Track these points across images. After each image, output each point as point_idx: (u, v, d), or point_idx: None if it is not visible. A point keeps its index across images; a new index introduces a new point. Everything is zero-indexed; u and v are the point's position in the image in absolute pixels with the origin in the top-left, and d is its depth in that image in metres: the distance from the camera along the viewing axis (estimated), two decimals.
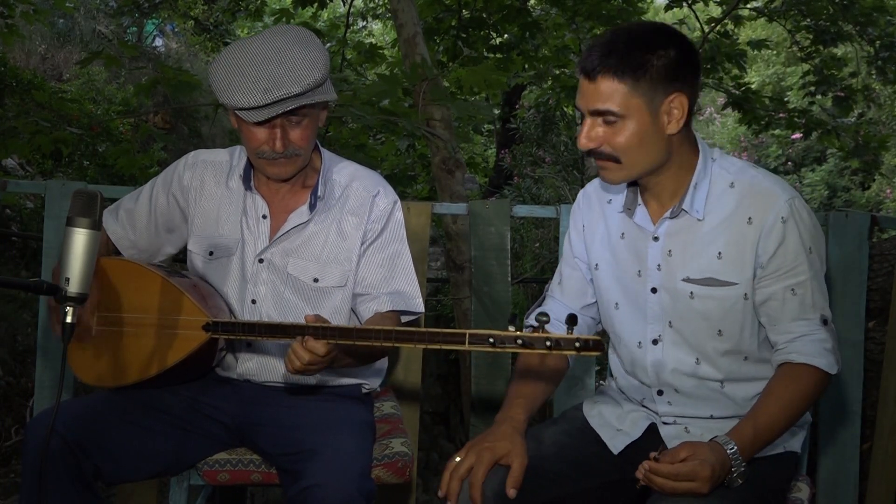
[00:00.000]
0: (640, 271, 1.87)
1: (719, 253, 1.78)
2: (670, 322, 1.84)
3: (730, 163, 1.84)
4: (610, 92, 1.70)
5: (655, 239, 1.84)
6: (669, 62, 1.70)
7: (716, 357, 1.82)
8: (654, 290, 1.85)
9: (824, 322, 1.78)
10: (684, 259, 1.81)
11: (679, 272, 1.82)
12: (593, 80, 1.71)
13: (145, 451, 1.98)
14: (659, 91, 1.71)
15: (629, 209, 1.88)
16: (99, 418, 1.95)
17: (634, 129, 1.72)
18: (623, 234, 1.90)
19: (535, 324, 2.00)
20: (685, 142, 1.79)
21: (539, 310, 2.02)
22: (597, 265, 1.96)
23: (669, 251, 1.83)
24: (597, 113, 1.72)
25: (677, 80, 1.72)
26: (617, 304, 1.92)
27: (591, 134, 1.74)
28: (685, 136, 1.79)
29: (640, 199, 1.87)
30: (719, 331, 1.81)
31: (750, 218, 1.77)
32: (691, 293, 1.80)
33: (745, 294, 1.78)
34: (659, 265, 1.84)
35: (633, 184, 1.87)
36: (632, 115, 1.71)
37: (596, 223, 1.97)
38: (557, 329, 1.95)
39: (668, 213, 1.83)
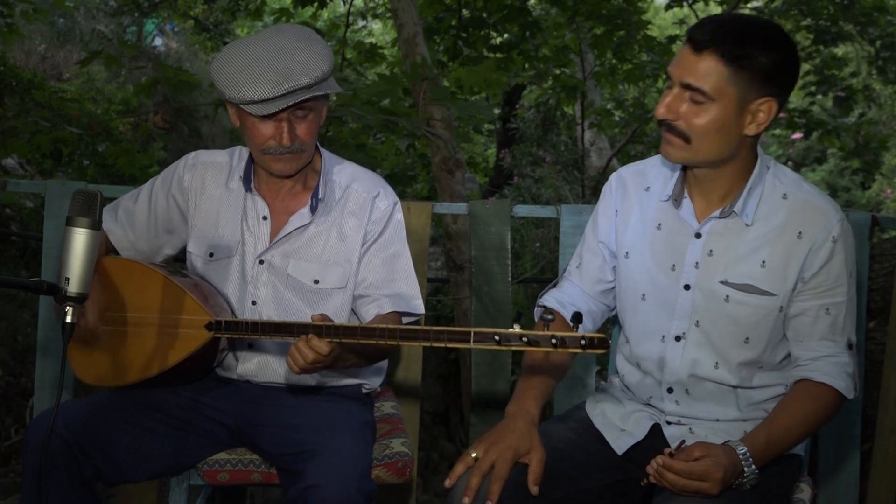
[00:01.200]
0: (674, 266, 1.85)
1: (763, 262, 1.77)
2: (698, 322, 1.83)
3: (783, 173, 1.83)
4: (710, 71, 1.68)
5: (698, 236, 1.82)
6: (774, 64, 1.68)
7: (735, 364, 1.82)
8: (686, 287, 1.83)
9: (850, 346, 1.78)
10: (726, 261, 1.80)
11: (718, 274, 1.80)
12: (698, 53, 1.69)
13: (146, 451, 1.97)
14: (754, 89, 1.69)
15: (676, 199, 1.85)
16: (99, 419, 1.95)
17: (716, 117, 1.70)
18: (660, 224, 1.88)
19: (546, 304, 1.98)
20: (753, 146, 1.78)
21: (548, 296, 2.01)
22: (627, 253, 1.93)
23: (711, 251, 1.81)
24: (688, 87, 1.70)
25: (774, 85, 1.70)
26: (644, 295, 1.89)
27: (672, 105, 1.72)
28: (755, 140, 1.78)
29: (686, 192, 1.85)
30: (747, 338, 1.80)
31: (800, 232, 1.76)
32: (727, 296, 1.79)
33: (781, 307, 1.78)
34: (697, 263, 1.82)
35: (684, 174, 1.85)
36: (720, 102, 1.69)
37: (630, 210, 1.94)
38: (568, 312, 1.95)
39: (716, 213, 1.81)
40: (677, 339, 1.85)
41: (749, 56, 1.67)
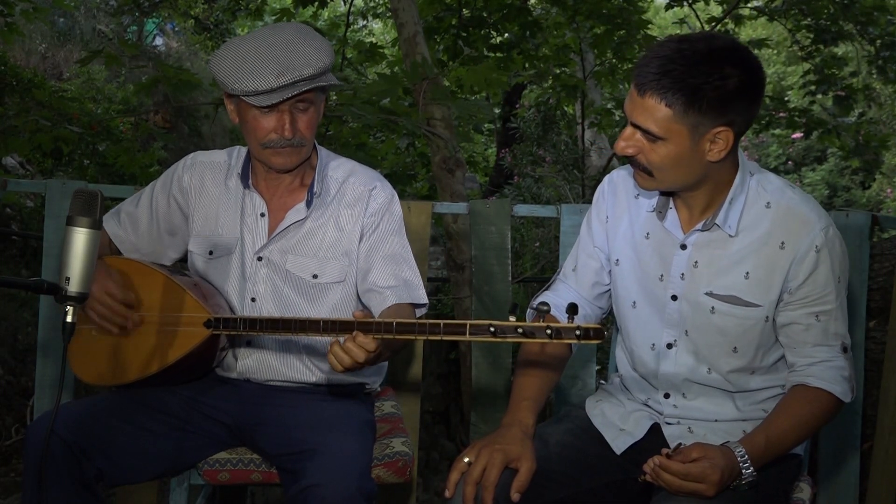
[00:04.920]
0: (662, 276, 1.84)
1: (747, 273, 1.76)
2: (687, 331, 1.83)
3: (768, 181, 1.80)
4: (654, 112, 1.64)
5: (683, 247, 1.82)
6: (724, 93, 1.62)
7: (725, 371, 1.82)
8: (674, 298, 1.83)
9: (844, 350, 1.78)
10: (710, 273, 1.79)
11: (703, 285, 1.79)
12: (641, 95, 1.65)
13: (147, 452, 1.98)
14: (706, 121, 1.64)
15: (660, 212, 1.84)
16: (100, 420, 1.95)
17: (671, 152, 1.67)
18: (648, 234, 1.87)
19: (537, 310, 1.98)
20: (726, 162, 1.74)
21: (541, 299, 2.00)
22: (618, 261, 1.93)
23: (696, 262, 1.80)
24: (637, 127, 1.68)
25: (728, 113, 1.64)
26: (635, 302, 1.90)
27: (629, 141, 1.71)
28: (727, 157, 1.73)
29: (671, 203, 1.83)
30: (735, 348, 1.80)
31: (783, 243, 1.74)
32: (712, 308, 1.79)
33: (767, 317, 1.77)
34: (683, 274, 1.81)
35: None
36: (671, 139, 1.66)
37: (620, 217, 1.93)
38: (562, 314, 1.94)
39: (699, 225, 1.79)
40: (669, 346, 1.85)
41: (693, 92, 1.61)
